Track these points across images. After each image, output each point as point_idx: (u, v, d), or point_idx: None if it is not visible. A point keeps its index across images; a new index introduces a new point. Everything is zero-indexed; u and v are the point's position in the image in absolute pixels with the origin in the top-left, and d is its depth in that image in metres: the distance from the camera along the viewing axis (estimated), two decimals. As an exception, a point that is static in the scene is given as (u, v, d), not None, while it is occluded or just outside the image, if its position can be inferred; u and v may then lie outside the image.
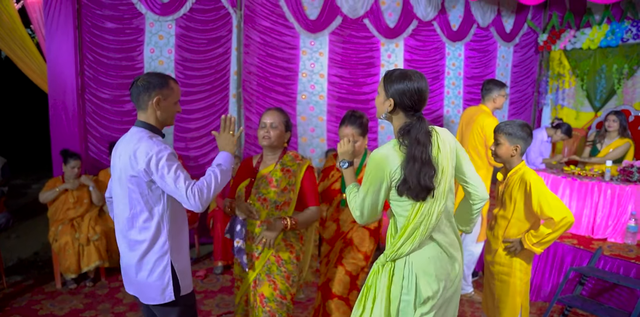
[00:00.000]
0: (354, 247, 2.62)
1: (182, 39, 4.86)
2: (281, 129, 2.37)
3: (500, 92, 3.69)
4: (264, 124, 2.36)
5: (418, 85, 1.71)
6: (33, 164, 8.90)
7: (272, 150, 2.43)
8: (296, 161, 2.44)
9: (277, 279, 2.35)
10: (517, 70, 6.71)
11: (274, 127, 2.35)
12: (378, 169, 1.72)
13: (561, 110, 6.59)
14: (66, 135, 4.51)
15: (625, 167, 4.07)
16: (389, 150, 1.73)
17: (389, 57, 5.78)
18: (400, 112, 1.76)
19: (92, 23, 4.52)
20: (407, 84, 1.71)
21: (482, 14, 6.21)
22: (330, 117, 5.57)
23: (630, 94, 5.88)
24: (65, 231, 3.96)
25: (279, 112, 2.41)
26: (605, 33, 5.90)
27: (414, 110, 1.75)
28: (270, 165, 2.43)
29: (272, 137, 2.34)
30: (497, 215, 2.53)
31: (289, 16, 5.20)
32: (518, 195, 2.39)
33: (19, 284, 4.06)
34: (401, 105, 1.74)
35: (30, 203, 6.76)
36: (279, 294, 2.33)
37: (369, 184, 1.75)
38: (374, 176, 1.74)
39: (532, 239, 2.36)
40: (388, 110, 1.77)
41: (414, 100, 1.72)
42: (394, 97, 1.73)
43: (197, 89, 4.96)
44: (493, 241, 2.54)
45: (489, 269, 2.56)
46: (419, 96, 1.72)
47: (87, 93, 4.60)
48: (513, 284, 2.46)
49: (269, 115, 2.37)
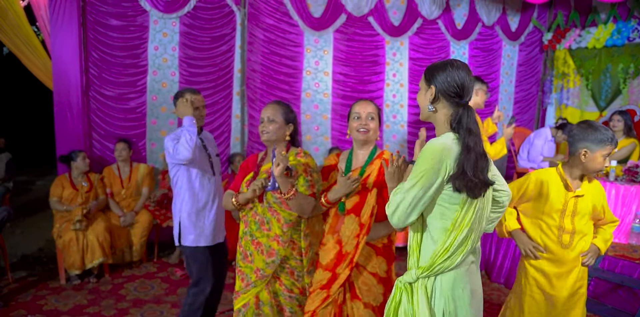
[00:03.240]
0: (361, 268, 2.21)
1: (186, 37, 4.87)
2: (280, 122, 2.29)
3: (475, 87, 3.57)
4: (262, 119, 2.32)
5: (460, 71, 1.59)
6: (37, 161, 8.94)
7: (273, 145, 2.34)
8: (297, 157, 2.33)
9: (282, 276, 2.32)
10: (522, 69, 6.68)
11: (271, 121, 2.29)
12: (437, 160, 1.52)
13: (566, 109, 6.57)
14: (70, 132, 4.52)
15: (630, 167, 4.05)
16: (448, 140, 1.56)
17: (393, 55, 5.77)
18: (444, 101, 1.62)
19: (96, 20, 4.53)
20: (449, 69, 1.59)
21: (487, 12, 6.19)
22: (335, 115, 5.57)
23: (636, 94, 5.85)
24: (69, 228, 3.98)
25: (277, 105, 2.33)
26: (611, 32, 5.87)
27: (459, 98, 1.60)
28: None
29: (270, 131, 2.28)
30: (574, 230, 2.26)
31: (293, 14, 5.20)
32: (594, 203, 2.25)
33: (24, 279, 4.08)
34: (445, 93, 1.60)
35: (34, 199, 6.80)
36: (285, 288, 2.31)
37: (421, 177, 1.53)
38: (430, 167, 1.52)
39: (605, 244, 2.29)
40: (430, 100, 1.63)
41: (457, 86, 1.58)
42: (436, 85, 1.61)
43: (201, 87, 4.96)
44: (569, 261, 2.28)
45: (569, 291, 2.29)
46: (462, 82, 1.59)
47: (91, 90, 4.62)
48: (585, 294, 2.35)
49: (266, 109, 2.32)
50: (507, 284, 4.14)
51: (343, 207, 2.23)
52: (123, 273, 4.26)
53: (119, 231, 4.27)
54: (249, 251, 2.34)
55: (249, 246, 2.34)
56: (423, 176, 1.52)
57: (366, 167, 2.26)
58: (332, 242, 2.24)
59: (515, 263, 4.10)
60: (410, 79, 5.87)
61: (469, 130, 1.56)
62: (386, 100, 5.82)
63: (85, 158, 4.21)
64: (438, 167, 1.52)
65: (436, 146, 1.54)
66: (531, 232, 2.33)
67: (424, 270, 1.58)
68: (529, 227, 2.34)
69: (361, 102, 2.33)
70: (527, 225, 2.35)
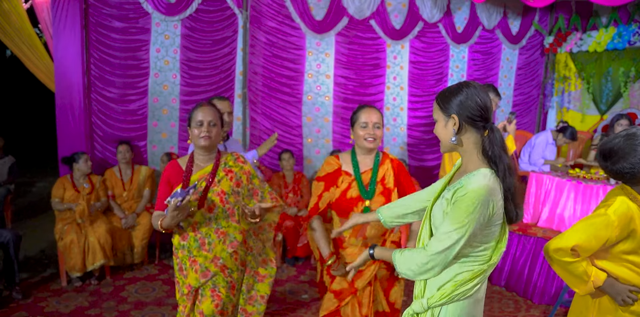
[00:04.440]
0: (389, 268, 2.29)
1: (188, 39, 4.88)
2: (219, 125, 2.20)
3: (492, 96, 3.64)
4: (201, 122, 2.13)
5: (477, 91, 1.48)
6: (38, 162, 8.95)
7: (208, 151, 2.23)
8: (238, 162, 2.28)
9: (222, 291, 2.24)
10: (522, 72, 6.69)
11: (213, 125, 2.16)
12: (484, 204, 1.43)
13: (567, 113, 6.58)
14: (72, 134, 4.54)
15: (631, 170, 4.05)
16: (488, 180, 1.46)
17: (394, 58, 5.78)
18: (470, 127, 1.50)
19: (98, 22, 4.54)
20: (466, 92, 1.48)
21: (487, 16, 6.20)
22: (336, 118, 5.58)
23: (636, 97, 5.86)
24: (71, 230, 3.99)
25: (213, 106, 2.21)
26: (612, 36, 5.88)
27: (484, 121, 1.49)
28: (207, 166, 2.23)
29: (214, 135, 2.17)
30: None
31: (295, 17, 5.21)
32: None
33: (25, 281, 4.08)
34: (468, 120, 1.48)
35: (36, 201, 6.80)
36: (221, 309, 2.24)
37: (468, 224, 1.43)
38: (478, 212, 1.42)
39: None
40: (455, 132, 1.50)
41: (481, 108, 1.47)
42: (458, 112, 1.48)
43: (202, 89, 4.97)
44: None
45: None
46: (484, 102, 1.48)
47: (93, 92, 4.63)
48: None
49: (205, 112, 2.16)
50: (507, 287, 4.14)
51: (368, 210, 2.23)
52: (124, 275, 4.27)
53: (121, 233, 4.27)
54: (209, 239, 2.21)
55: (210, 234, 2.21)
56: (471, 221, 1.43)
57: (378, 168, 2.29)
58: (358, 245, 2.28)
59: (515, 266, 4.10)
60: (410, 83, 5.88)
61: (501, 158, 1.48)
62: (386, 103, 5.84)
63: (88, 160, 4.22)
64: (485, 213, 1.44)
65: (482, 191, 1.43)
66: (623, 275, 1.84)
67: (436, 298, 1.53)
68: (617, 270, 1.86)
69: (367, 110, 2.30)
70: (613, 268, 1.86)
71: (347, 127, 5.63)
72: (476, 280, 1.52)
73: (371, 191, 2.26)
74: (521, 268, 4.06)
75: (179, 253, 2.24)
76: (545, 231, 4.20)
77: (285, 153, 5.02)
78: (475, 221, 1.43)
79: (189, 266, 2.21)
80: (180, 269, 2.25)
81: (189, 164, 2.22)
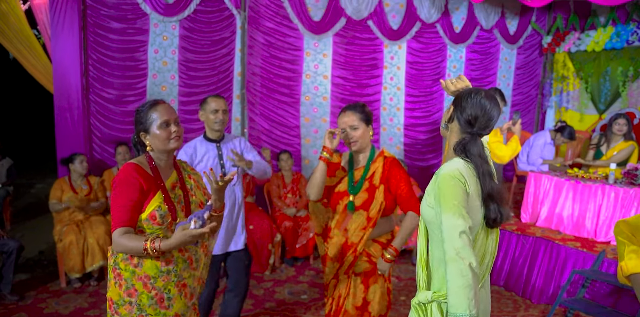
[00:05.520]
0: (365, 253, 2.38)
1: (186, 40, 4.88)
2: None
3: None
4: (167, 122, 1.88)
5: (484, 101, 1.57)
6: (37, 164, 8.95)
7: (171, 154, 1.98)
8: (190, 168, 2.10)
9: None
10: (520, 72, 6.70)
11: (178, 124, 1.93)
12: (457, 184, 1.50)
13: (565, 112, 6.58)
14: (71, 135, 4.53)
15: (630, 170, 4.06)
16: (461, 166, 1.55)
17: (391, 59, 5.78)
18: (457, 125, 1.62)
19: (97, 23, 4.54)
20: (473, 98, 1.58)
21: (485, 16, 6.21)
22: (334, 118, 5.58)
23: (635, 97, 5.86)
24: (69, 231, 3.99)
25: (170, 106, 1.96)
26: (610, 35, 5.88)
27: (470, 127, 1.59)
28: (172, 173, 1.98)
29: (181, 137, 1.94)
30: None
31: (293, 17, 5.22)
32: None
33: (24, 282, 4.08)
34: (460, 118, 1.60)
35: (35, 202, 6.80)
36: None
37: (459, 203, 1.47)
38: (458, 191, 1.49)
39: None
40: (447, 119, 1.65)
41: (471, 115, 1.57)
42: (456, 106, 1.62)
43: (200, 90, 4.97)
44: None
45: None
46: (476, 114, 1.57)
47: (91, 93, 4.63)
48: None
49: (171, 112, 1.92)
50: (507, 287, 4.14)
51: (352, 206, 2.33)
52: (123, 276, 4.26)
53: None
54: (168, 294, 1.87)
55: (169, 288, 1.87)
56: (459, 202, 1.47)
57: (370, 165, 2.36)
58: (340, 236, 2.38)
59: (514, 266, 4.10)
60: (407, 83, 5.88)
61: (480, 156, 1.56)
62: (383, 103, 5.84)
63: (84, 161, 4.21)
64: (463, 190, 1.50)
65: (451, 173, 1.52)
66: None
67: (440, 293, 1.54)
68: None
69: (342, 114, 2.35)
70: None
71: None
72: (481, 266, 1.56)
73: (358, 186, 2.35)
74: (520, 268, 4.06)
75: (157, 283, 1.83)
76: (544, 231, 4.21)
77: (283, 153, 5.03)
78: (462, 199, 1.48)
79: (176, 292, 1.88)
80: (159, 301, 1.84)
81: (154, 169, 1.89)
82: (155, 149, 1.90)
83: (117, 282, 1.84)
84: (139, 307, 1.82)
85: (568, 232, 4.17)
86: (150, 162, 1.90)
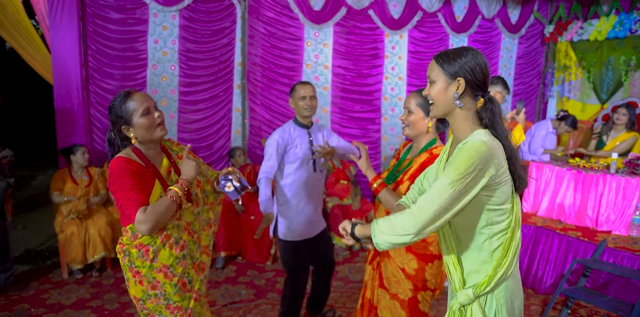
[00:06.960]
0: (391, 260, 2.18)
1: (186, 30, 4.85)
2: None
3: (495, 89, 3.60)
4: (149, 110, 1.86)
5: (481, 57, 1.42)
6: (38, 155, 8.95)
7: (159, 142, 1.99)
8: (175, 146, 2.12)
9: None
10: (522, 61, 6.66)
11: (159, 110, 1.93)
12: (484, 160, 1.32)
13: (567, 102, 6.55)
14: (71, 126, 4.52)
15: (631, 159, 4.05)
16: (487, 137, 1.38)
17: (392, 48, 5.74)
18: (471, 93, 1.43)
19: (96, 13, 4.50)
20: (472, 56, 1.40)
21: (487, 5, 6.15)
22: (335, 108, 5.56)
23: (637, 86, 5.83)
24: (71, 222, 3.99)
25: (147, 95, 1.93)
26: (613, 24, 5.83)
27: (484, 89, 1.43)
28: (163, 160, 1.98)
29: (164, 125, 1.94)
30: None
31: (294, 7, 5.17)
32: None
33: (26, 273, 4.10)
34: (472, 84, 1.41)
35: (36, 194, 6.81)
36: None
37: (461, 179, 1.31)
38: (474, 168, 1.31)
39: None
40: (457, 96, 1.42)
41: (485, 75, 1.42)
42: (464, 75, 1.40)
43: (200, 80, 4.95)
44: None
45: None
46: (487, 69, 1.43)
47: (91, 84, 4.61)
48: None
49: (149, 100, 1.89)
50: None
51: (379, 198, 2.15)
52: (125, 267, 4.28)
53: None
54: (188, 277, 1.91)
55: (187, 271, 1.91)
56: (466, 178, 1.31)
57: (415, 157, 2.15)
58: None
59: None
60: (409, 73, 5.85)
61: (500, 126, 1.42)
62: (384, 93, 5.81)
63: (85, 153, 4.21)
64: (485, 170, 1.33)
65: (479, 145, 1.34)
66: None
67: (483, 286, 1.44)
68: None
69: (408, 96, 2.17)
70: None
71: (345, 118, 5.63)
72: (510, 254, 1.44)
73: (392, 177, 2.20)
74: (521, 258, 4.06)
75: (176, 270, 1.85)
76: (545, 220, 4.21)
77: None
78: (470, 176, 1.31)
79: (194, 274, 1.93)
80: (182, 286, 1.88)
81: (144, 159, 1.87)
82: (142, 139, 1.86)
83: (137, 280, 1.85)
84: (165, 297, 1.85)
85: (569, 221, 4.17)
86: (138, 154, 1.87)
